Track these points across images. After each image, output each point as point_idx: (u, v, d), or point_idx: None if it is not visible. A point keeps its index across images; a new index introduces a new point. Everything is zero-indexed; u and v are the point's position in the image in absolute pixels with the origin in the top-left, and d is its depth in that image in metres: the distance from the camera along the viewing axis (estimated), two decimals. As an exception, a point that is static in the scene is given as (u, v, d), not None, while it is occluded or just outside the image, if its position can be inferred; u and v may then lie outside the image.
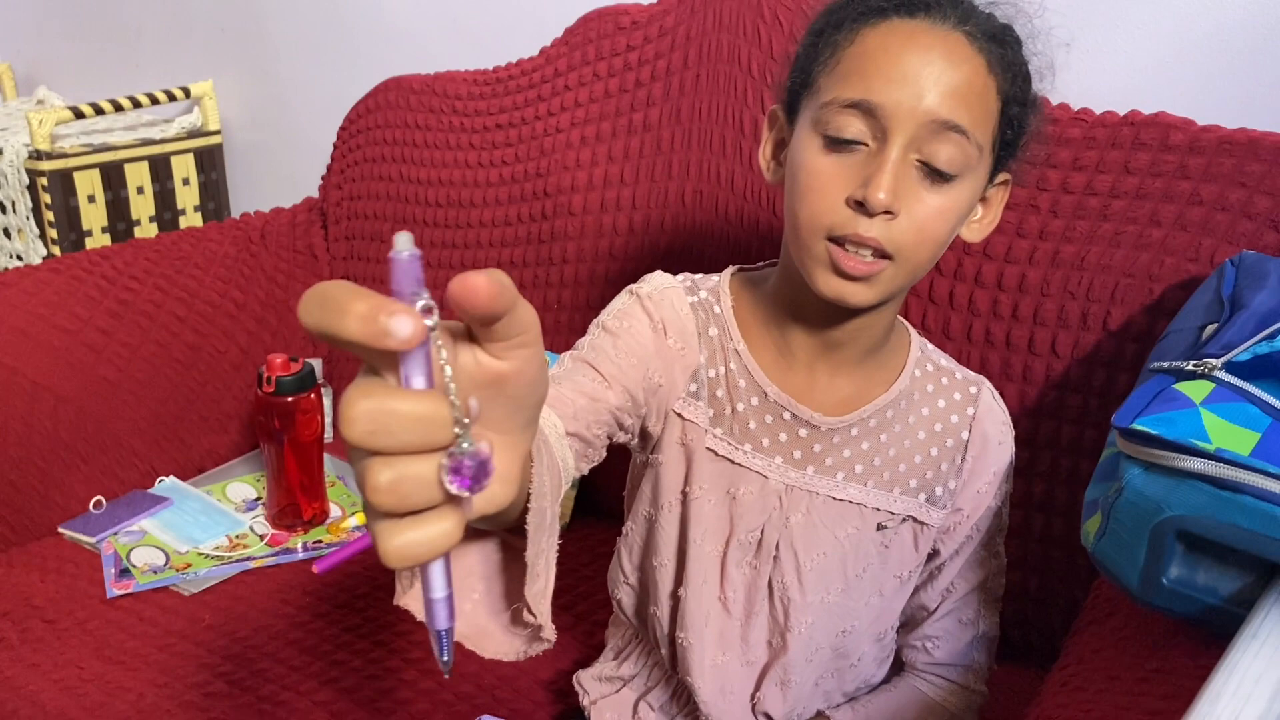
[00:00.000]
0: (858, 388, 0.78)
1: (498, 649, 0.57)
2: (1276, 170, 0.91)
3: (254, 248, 1.47)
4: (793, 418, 0.77)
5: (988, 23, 0.69)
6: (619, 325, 0.75)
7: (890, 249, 0.67)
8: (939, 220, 0.68)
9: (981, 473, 0.81)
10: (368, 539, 1.19)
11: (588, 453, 0.71)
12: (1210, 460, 0.59)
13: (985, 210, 0.76)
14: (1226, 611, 0.59)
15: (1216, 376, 0.67)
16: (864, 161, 0.67)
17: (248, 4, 1.81)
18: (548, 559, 0.55)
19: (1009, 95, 0.69)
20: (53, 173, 1.67)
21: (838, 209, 0.67)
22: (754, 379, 0.77)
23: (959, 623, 0.84)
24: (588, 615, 1.09)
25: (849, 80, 0.67)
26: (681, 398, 0.77)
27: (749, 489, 0.78)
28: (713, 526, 0.79)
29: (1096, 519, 0.66)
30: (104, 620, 1.06)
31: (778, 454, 0.78)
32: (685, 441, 0.78)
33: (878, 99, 0.66)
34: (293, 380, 1.18)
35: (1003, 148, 0.72)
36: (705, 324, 0.78)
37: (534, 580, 0.54)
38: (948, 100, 0.65)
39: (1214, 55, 1.02)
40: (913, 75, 0.65)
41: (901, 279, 0.70)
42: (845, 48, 0.68)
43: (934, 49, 0.66)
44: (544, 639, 0.56)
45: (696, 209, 1.20)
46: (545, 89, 1.34)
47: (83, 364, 1.26)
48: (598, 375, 0.72)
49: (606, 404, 0.72)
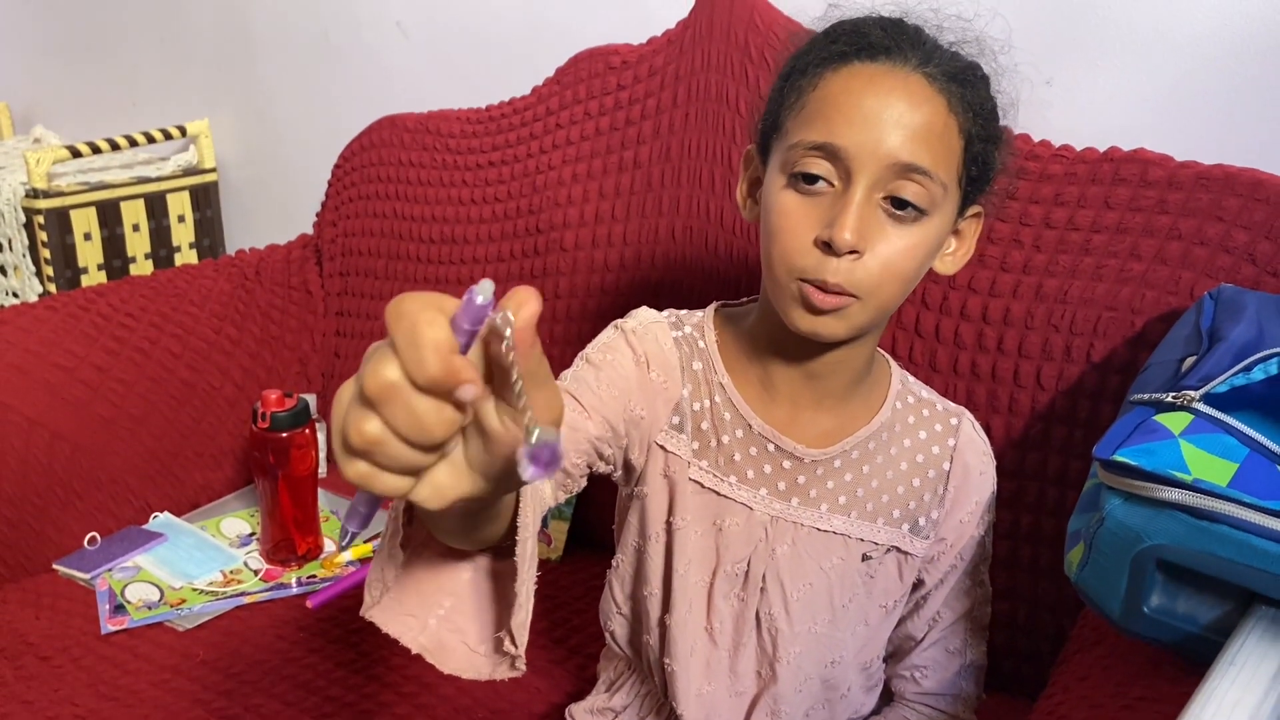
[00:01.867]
0: (840, 420, 0.80)
1: (457, 665, 0.59)
2: (1252, 205, 0.93)
3: (249, 284, 1.49)
4: (777, 449, 0.78)
5: (950, 63, 0.71)
6: (602, 358, 0.77)
7: (854, 290, 0.69)
8: (905, 258, 0.70)
9: (964, 502, 0.82)
10: (361, 574, 1.20)
11: (565, 483, 0.73)
12: (1188, 491, 0.61)
13: (959, 243, 0.78)
14: (1206, 639, 0.60)
15: (1195, 408, 0.69)
16: (830, 202, 0.69)
17: (243, 44, 1.84)
18: (528, 591, 0.57)
19: (972, 133, 0.71)
20: (49, 211, 1.69)
21: (807, 251, 0.69)
22: (738, 412, 0.79)
23: (946, 652, 0.85)
24: (580, 649, 1.10)
25: (813, 123, 0.69)
26: (664, 430, 0.79)
27: (735, 520, 0.79)
28: (698, 557, 0.80)
29: (1079, 549, 0.67)
30: (99, 656, 1.06)
31: (763, 486, 0.79)
32: (668, 473, 0.79)
33: (840, 141, 0.68)
34: (287, 416, 1.19)
35: (970, 182, 0.74)
36: (689, 358, 0.79)
37: (517, 611, 0.57)
38: (909, 142, 0.67)
39: (1190, 93, 1.05)
40: (874, 118, 0.67)
41: (870, 313, 0.71)
42: (809, 92, 0.71)
43: (894, 91, 0.68)
44: (516, 669, 0.58)
45: (686, 244, 1.22)
46: (537, 127, 1.36)
47: (79, 401, 1.27)
48: (578, 405, 0.74)
49: (585, 433, 0.73)
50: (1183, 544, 0.60)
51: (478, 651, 0.60)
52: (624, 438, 0.77)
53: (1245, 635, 0.55)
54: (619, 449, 0.78)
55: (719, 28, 1.21)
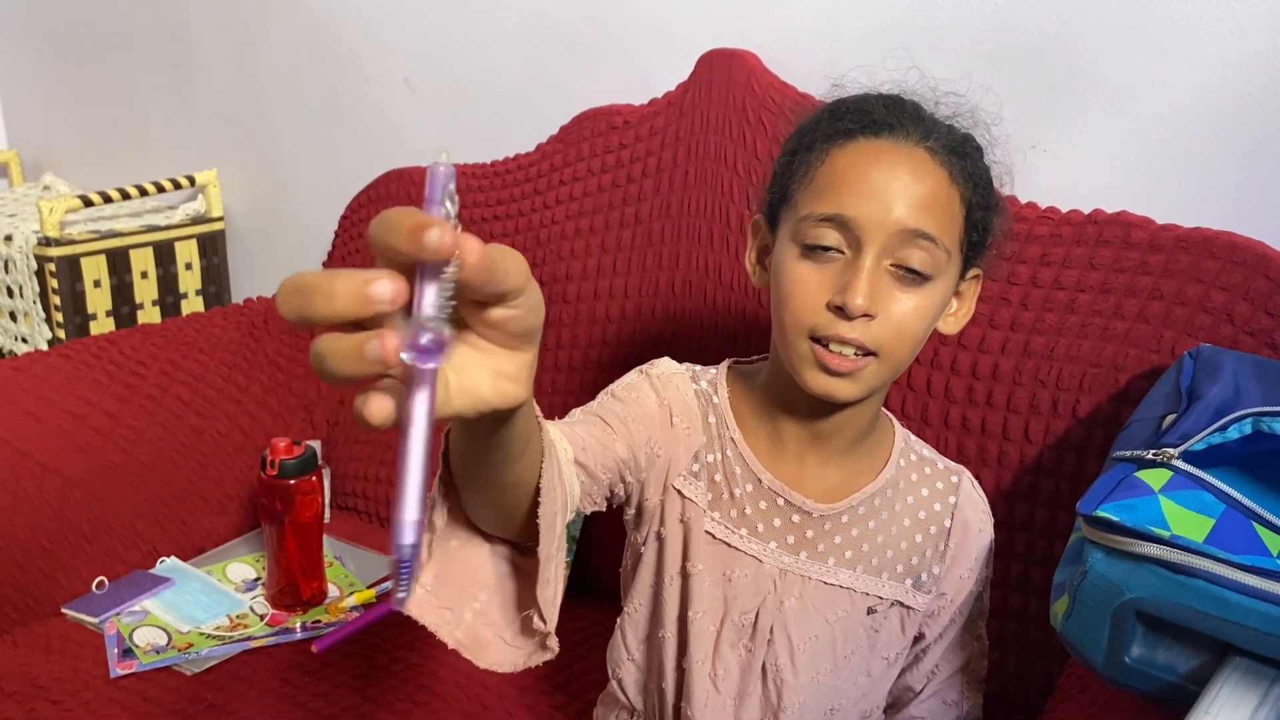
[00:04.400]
0: (846, 476, 0.83)
1: (494, 659, 0.61)
2: (1230, 267, 0.97)
3: (257, 333, 1.52)
4: (786, 504, 0.81)
5: (948, 136, 0.75)
6: (627, 395, 0.80)
7: (873, 347, 0.72)
8: (915, 319, 0.73)
9: (963, 559, 0.85)
10: (366, 619, 1.22)
11: (591, 491, 0.75)
12: (1166, 546, 0.64)
13: (960, 304, 0.82)
14: (1185, 688, 0.63)
15: (1174, 465, 0.72)
16: (841, 269, 0.73)
17: (252, 97, 1.88)
18: (557, 569, 0.60)
19: (972, 201, 0.75)
20: (60, 258, 1.72)
21: (819, 312, 0.73)
22: (749, 466, 0.82)
23: (943, 704, 0.87)
24: (580, 694, 1.12)
25: (823, 196, 0.73)
26: (683, 475, 0.81)
27: (744, 572, 0.82)
28: (708, 605, 0.82)
29: (1064, 601, 0.70)
30: (108, 700, 1.08)
31: (772, 539, 0.82)
32: (685, 519, 0.82)
33: (850, 213, 0.72)
34: (295, 464, 1.22)
35: (970, 247, 0.78)
36: (706, 411, 0.83)
37: (545, 585, 0.58)
38: (915, 211, 0.71)
39: (1171, 159, 1.09)
40: (881, 190, 0.71)
41: (884, 374, 0.75)
42: (818, 166, 0.75)
43: (899, 165, 0.72)
44: (549, 648, 0.61)
45: (686, 298, 1.25)
46: (541, 183, 1.41)
47: (90, 447, 1.30)
48: (606, 427, 0.76)
49: (613, 452, 0.76)
50: (1161, 597, 0.63)
51: (514, 645, 0.62)
52: (643, 471, 0.80)
53: (1220, 685, 0.58)
54: (637, 480, 0.80)
55: (717, 91, 1.26)
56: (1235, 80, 1.04)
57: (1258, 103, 1.04)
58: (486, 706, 1.10)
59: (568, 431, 0.73)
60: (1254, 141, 1.05)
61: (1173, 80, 1.07)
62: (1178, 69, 1.07)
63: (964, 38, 1.17)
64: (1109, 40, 1.10)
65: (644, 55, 1.42)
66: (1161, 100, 1.08)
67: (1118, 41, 1.09)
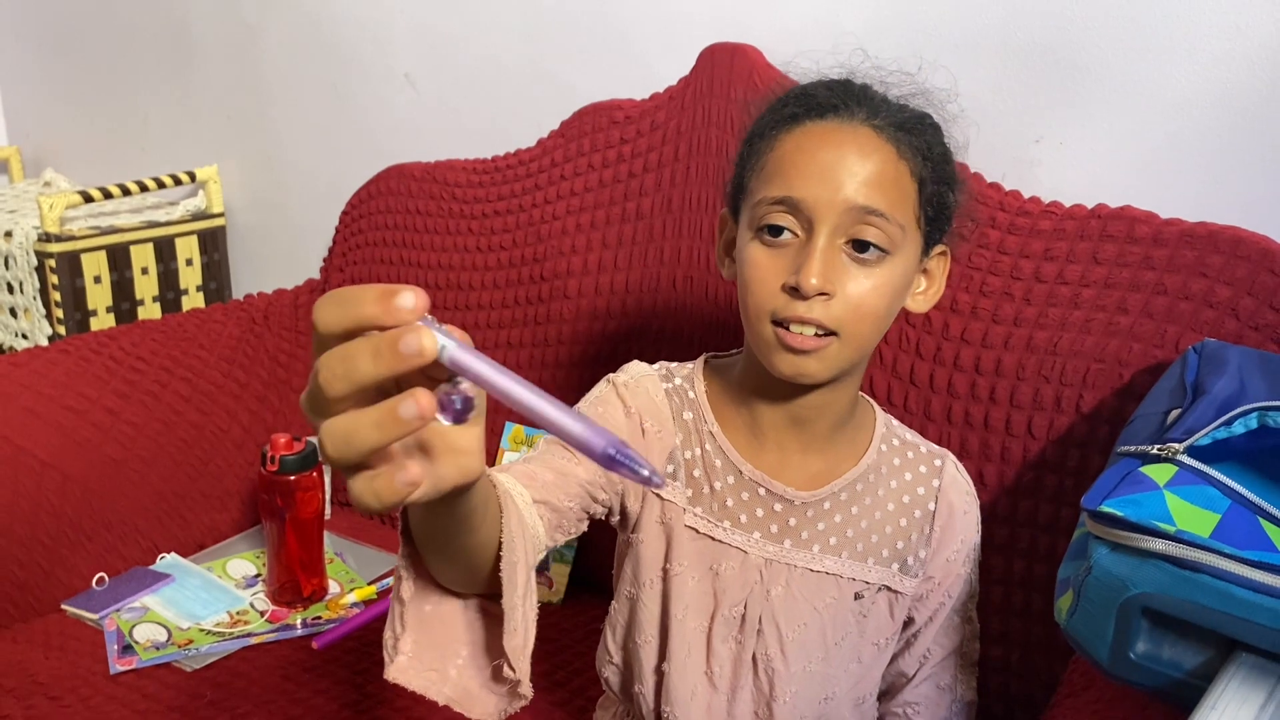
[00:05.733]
0: (827, 462, 0.83)
1: (484, 710, 0.62)
2: (1235, 262, 0.96)
3: (257, 329, 1.52)
4: (767, 493, 0.82)
5: (898, 114, 0.76)
6: (594, 411, 0.81)
7: (832, 326, 0.73)
8: (874, 296, 0.74)
9: (950, 541, 0.85)
10: (366, 615, 1.22)
11: (561, 523, 0.76)
12: (1171, 541, 0.63)
13: (929, 282, 0.82)
14: (1190, 684, 0.63)
15: (1179, 460, 0.71)
16: (796, 251, 0.74)
17: (252, 92, 1.88)
18: (525, 615, 0.61)
19: (923, 176, 0.75)
20: (61, 254, 1.72)
21: (777, 295, 0.74)
22: (729, 458, 0.82)
23: (937, 688, 0.87)
24: (581, 691, 1.12)
25: (774, 180, 0.74)
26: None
27: (730, 564, 0.82)
28: (695, 602, 0.82)
29: (1068, 596, 0.69)
30: (107, 697, 1.08)
31: (755, 530, 0.82)
32: (664, 520, 0.82)
33: (799, 194, 0.73)
34: (296, 459, 1.22)
35: (929, 223, 0.78)
36: (680, 408, 0.83)
37: (512, 634, 0.59)
38: (863, 188, 0.72)
39: (1175, 153, 1.08)
40: (829, 169, 0.72)
41: (849, 353, 0.75)
42: (767, 153, 0.76)
43: (845, 144, 0.73)
44: (521, 695, 0.61)
45: (687, 293, 1.25)
46: (542, 178, 1.40)
47: (90, 443, 1.29)
48: (566, 453, 0.77)
49: (575, 478, 0.77)
50: (1167, 593, 0.63)
51: (496, 693, 0.63)
52: (618, 483, 0.80)
53: (1226, 681, 0.58)
54: (614, 494, 0.81)
55: (719, 85, 1.25)
56: (1239, 75, 1.04)
57: (1263, 97, 1.03)
58: (487, 703, 1.09)
59: (524, 472, 0.74)
60: (1259, 136, 1.04)
61: (1176, 75, 1.07)
62: (1181, 64, 1.06)
63: (967, 33, 1.17)
64: (1112, 36, 1.09)
65: (645, 49, 1.42)
66: (1165, 95, 1.08)
67: (1120, 37, 1.09)
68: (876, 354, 1.09)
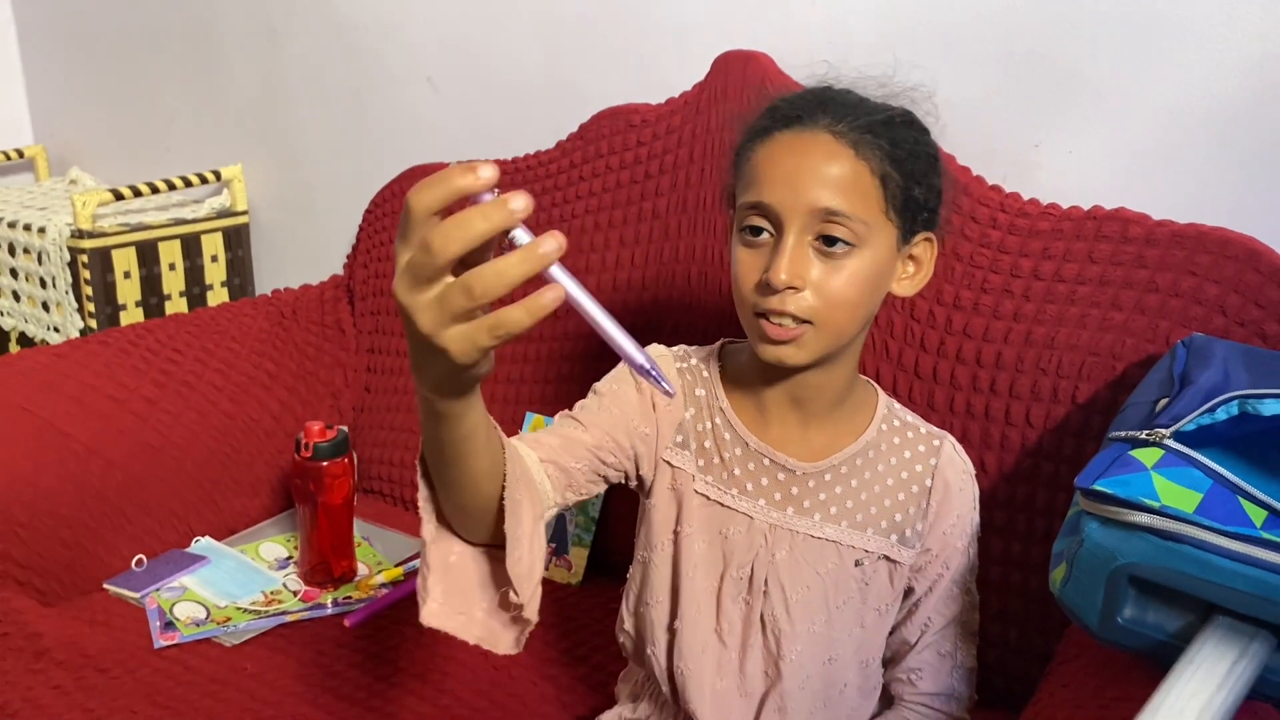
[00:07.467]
0: (828, 438, 0.91)
1: (506, 646, 0.74)
2: (1223, 261, 1.02)
3: (286, 322, 1.58)
4: (772, 464, 0.89)
5: (864, 117, 0.82)
6: (608, 388, 0.91)
7: (806, 315, 0.81)
8: (844, 287, 0.81)
9: (946, 515, 0.92)
10: (394, 595, 1.28)
11: (571, 482, 0.85)
12: (1156, 515, 0.69)
13: (916, 267, 0.89)
14: (1172, 646, 0.69)
15: (1166, 444, 0.77)
16: (770, 250, 0.81)
17: (276, 94, 1.94)
18: (531, 549, 0.71)
19: (885, 173, 0.82)
20: (93, 250, 1.78)
21: (756, 290, 0.82)
22: (737, 432, 0.90)
23: (938, 655, 0.94)
24: (602, 667, 1.17)
25: (750, 188, 0.83)
26: (669, 447, 0.91)
27: (738, 529, 0.90)
28: (704, 563, 0.90)
29: (1062, 568, 0.75)
30: (153, 669, 1.13)
31: (761, 497, 0.90)
32: (675, 486, 0.91)
33: (768, 199, 0.81)
34: (329, 446, 1.27)
35: (903, 214, 0.84)
36: (693, 386, 0.92)
37: (516, 562, 0.69)
38: (825, 191, 0.79)
39: (1167, 157, 1.14)
40: (793, 175, 0.80)
41: (826, 339, 0.83)
42: (745, 163, 0.85)
43: (808, 152, 0.81)
44: (526, 619, 0.72)
45: (701, 289, 1.31)
46: (561, 179, 1.46)
47: (130, 431, 1.35)
48: (576, 423, 0.87)
49: (582, 442, 0.85)
50: (1152, 562, 0.68)
51: (512, 629, 0.73)
52: (629, 450, 0.89)
53: (1204, 640, 0.64)
54: (625, 459, 0.89)
55: (733, 90, 1.31)
56: (1228, 83, 1.09)
57: (1250, 105, 1.09)
58: (513, 676, 1.15)
59: (531, 439, 0.84)
60: (1247, 141, 1.10)
61: (1168, 83, 1.13)
62: (1173, 73, 1.12)
63: (970, 41, 1.23)
64: (1108, 45, 1.15)
65: (660, 56, 1.47)
66: (1158, 102, 1.14)
67: (1117, 46, 1.14)
68: (883, 347, 1.15)
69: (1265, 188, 1.10)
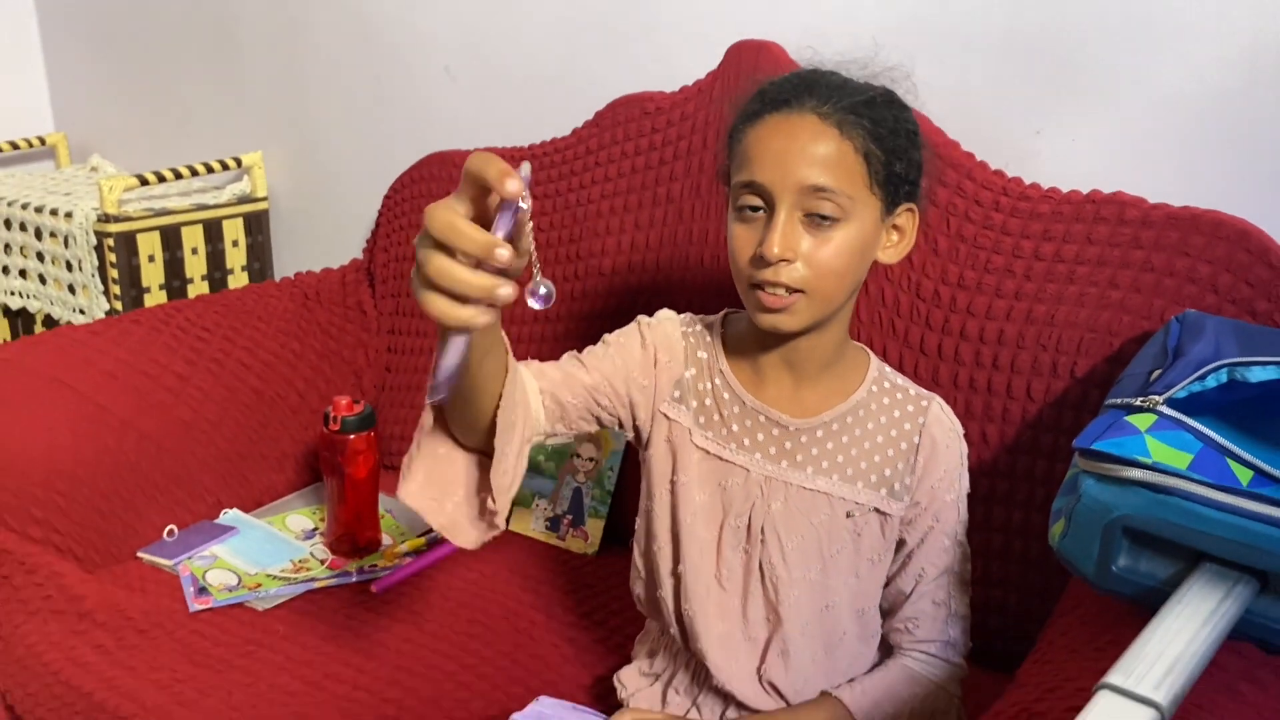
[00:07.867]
0: (820, 396, 0.97)
1: (466, 540, 0.84)
2: (1215, 242, 1.07)
3: (309, 304, 1.63)
4: (766, 420, 0.96)
5: (848, 98, 0.88)
6: (616, 340, 0.99)
7: (798, 285, 0.87)
8: (832, 257, 0.87)
9: (933, 470, 0.97)
10: (419, 564, 1.33)
11: (564, 416, 0.93)
12: (1149, 470, 0.74)
13: (900, 236, 0.94)
14: (1163, 592, 0.73)
15: (1159, 410, 0.82)
16: (763, 225, 0.87)
17: (296, 83, 1.98)
18: (515, 466, 0.83)
19: (868, 150, 0.87)
20: (119, 234, 1.83)
21: (751, 263, 0.88)
22: (734, 392, 0.97)
23: (933, 603, 0.99)
24: (619, 630, 1.23)
25: (743, 168, 0.89)
26: (667, 401, 0.97)
27: (735, 480, 0.96)
28: (704, 512, 0.97)
29: (1061, 523, 0.80)
30: (189, 631, 1.19)
31: (756, 451, 0.96)
32: (671, 438, 0.97)
33: (760, 178, 0.86)
34: (355, 420, 1.33)
35: (887, 187, 0.89)
36: (696, 348, 0.99)
37: (502, 475, 0.81)
38: (812, 169, 0.85)
39: (1162, 143, 1.19)
40: (782, 155, 0.86)
41: (818, 305, 0.89)
42: (738, 146, 0.91)
43: (795, 133, 0.86)
44: (496, 525, 0.84)
45: (714, 269, 1.36)
46: (577, 165, 1.51)
47: (162, 405, 1.41)
48: (580, 363, 0.95)
49: (580, 381, 0.93)
50: (1144, 514, 0.74)
51: (478, 527, 0.85)
52: (624, 397, 0.96)
53: (1191, 583, 0.69)
54: (620, 405, 0.96)
55: (745, 79, 1.36)
56: (1222, 72, 1.14)
57: (1242, 93, 1.14)
58: (534, 638, 1.20)
59: (536, 369, 0.93)
60: (1238, 129, 1.15)
61: (1165, 72, 1.18)
62: (1169, 62, 1.17)
63: (974, 31, 1.27)
64: (1107, 35, 1.20)
65: (674, 46, 1.52)
66: (1154, 90, 1.18)
67: (1115, 36, 1.19)
68: (890, 325, 1.20)
69: (1256, 171, 1.15)
